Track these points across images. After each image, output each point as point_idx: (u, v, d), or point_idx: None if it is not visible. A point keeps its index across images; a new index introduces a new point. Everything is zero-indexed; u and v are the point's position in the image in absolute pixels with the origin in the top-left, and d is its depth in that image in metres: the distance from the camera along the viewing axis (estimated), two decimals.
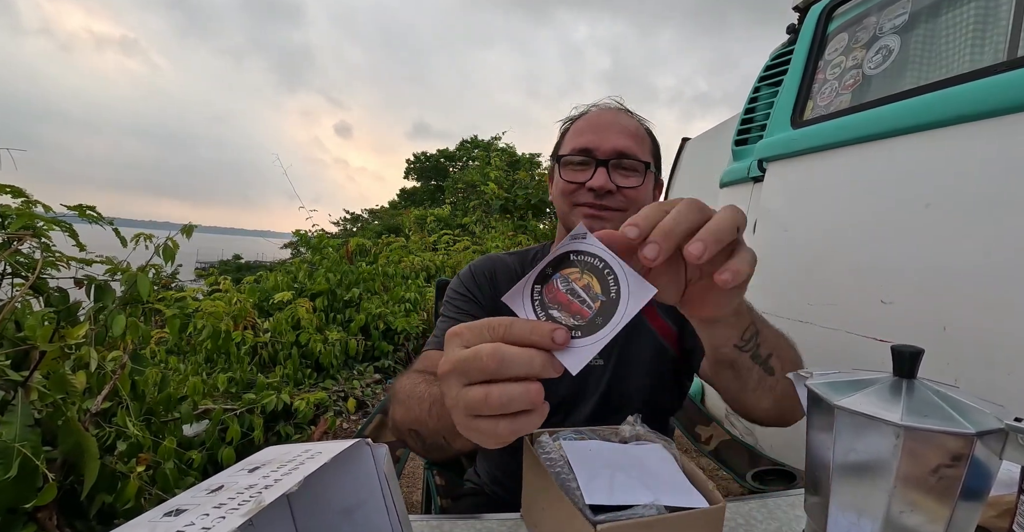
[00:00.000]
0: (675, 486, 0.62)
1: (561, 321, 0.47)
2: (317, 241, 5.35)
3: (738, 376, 0.80)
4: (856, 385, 0.52)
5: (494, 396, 0.45)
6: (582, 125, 1.14)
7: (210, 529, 0.29)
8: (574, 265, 0.49)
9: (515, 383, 0.45)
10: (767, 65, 2.31)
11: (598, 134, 1.10)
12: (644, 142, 1.13)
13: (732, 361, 0.78)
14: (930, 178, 1.34)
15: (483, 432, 0.48)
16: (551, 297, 0.48)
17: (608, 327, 0.46)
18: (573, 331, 0.46)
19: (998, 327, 1.15)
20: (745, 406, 0.87)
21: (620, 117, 1.14)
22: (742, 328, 0.73)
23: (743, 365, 0.78)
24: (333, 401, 3.73)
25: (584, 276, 0.49)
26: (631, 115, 1.18)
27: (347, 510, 0.44)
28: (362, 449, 0.44)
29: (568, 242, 0.50)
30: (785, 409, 0.85)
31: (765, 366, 0.79)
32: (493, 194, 9.51)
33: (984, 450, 0.45)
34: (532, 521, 0.71)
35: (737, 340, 0.74)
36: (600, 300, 0.47)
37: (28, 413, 1.26)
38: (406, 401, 0.83)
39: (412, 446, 0.84)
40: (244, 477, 0.38)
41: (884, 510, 0.48)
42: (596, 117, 1.15)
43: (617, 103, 1.20)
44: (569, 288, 0.48)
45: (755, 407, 0.86)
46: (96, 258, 1.75)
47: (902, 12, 1.62)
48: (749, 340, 0.75)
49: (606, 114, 1.15)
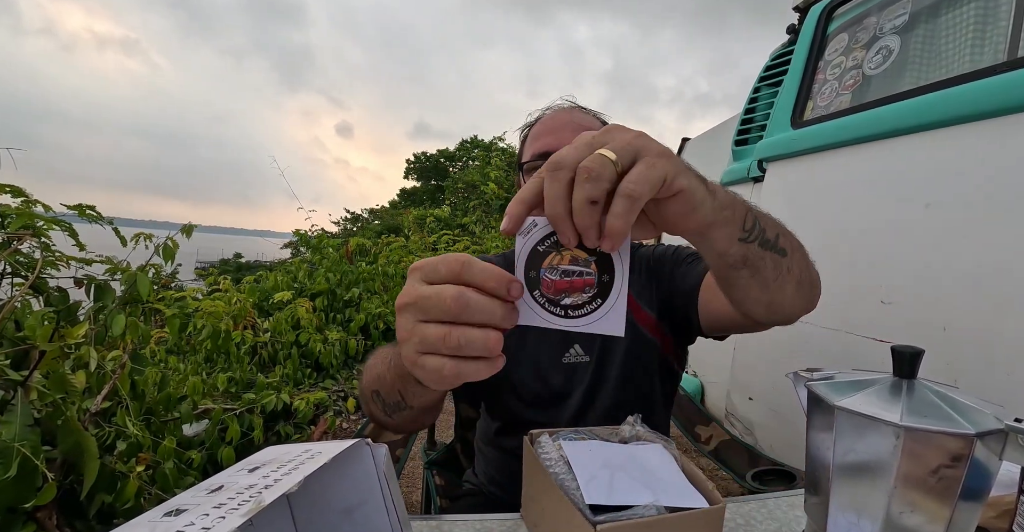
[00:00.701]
0: (675, 486, 0.62)
1: (577, 302, 0.49)
2: (317, 241, 5.35)
3: (756, 272, 0.72)
4: (856, 385, 0.52)
5: (453, 336, 0.47)
6: (538, 129, 1.14)
7: (210, 529, 0.28)
8: (547, 252, 0.50)
9: (476, 328, 0.47)
10: (767, 65, 2.30)
11: (555, 135, 1.09)
12: None
13: (744, 258, 0.69)
14: (930, 178, 1.34)
15: (428, 369, 0.49)
16: (552, 291, 0.49)
17: (617, 277, 0.49)
18: (594, 300, 0.49)
19: (998, 327, 1.15)
20: (772, 305, 0.79)
21: (574, 115, 1.13)
22: (740, 219, 0.66)
23: (755, 257, 0.70)
24: (333, 401, 3.73)
25: (562, 253, 0.49)
26: (586, 111, 1.17)
27: (347, 510, 0.44)
28: (362, 449, 0.44)
29: (525, 239, 0.50)
30: (804, 287, 0.79)
31: (776, 249, 0.72)
32: (493, 194, 9.52)
33: (984, 450, 0.45)
34: (532, 521, 0.71)
35: (740, 232, 0.66)
36: (592, 261, 0.49)
37: (28, 413, 1.26)
38: (371, 365, 0.82)
39: (373, 412, 0.83)
40: (244, 477, 0.38)
41: (884, 510, 0.48)
42: (550, 119, 1.14)
43: (570, 102, 1.19)
44: (560, 272, 0.49)
45: (782, 301, 0.78)
46: (96, 258, 1.75)
47: (902, 12, 1.62)
48: (752, 228, 0.68)
49: (560, 115, 1.14)
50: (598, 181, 0.47)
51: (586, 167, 0.47)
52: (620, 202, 0.47)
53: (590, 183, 0.47)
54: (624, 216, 0.47)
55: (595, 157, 0.48)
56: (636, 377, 1.09)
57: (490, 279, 0.47)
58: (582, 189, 0.47)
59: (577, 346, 1.10)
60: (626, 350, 1.09)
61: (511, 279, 0.47)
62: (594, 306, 0.49)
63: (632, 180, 0.48)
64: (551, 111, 1.17)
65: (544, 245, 0.50)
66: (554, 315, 0.49)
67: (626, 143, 0.50)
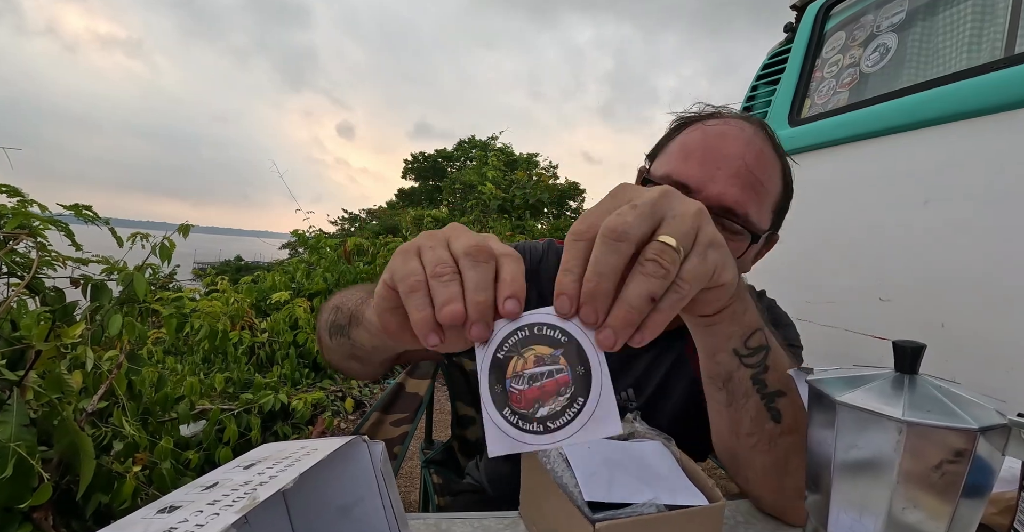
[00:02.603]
0: (674, 484, 0.62)
1: (555, 409, 0.40)
2: (315, 241, 5.34)
3: (731, 402, 0.66)
4: (858, 381, 0.51)
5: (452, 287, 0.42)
6: (694, 144, 0.84)
7: (203, 526, 0.28)
8: (508, 358, 0.41)
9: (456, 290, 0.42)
10: (765, 63, 2.30)
11: (707, 169, 0.80)
12: (769, 194, 0.84)
13: (728, 376, 0.65)
14: (928, 175, 1.34)
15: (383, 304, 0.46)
16: (523, 404, 0.40)
17: (593, 364, 0.40)
18: (574, 402, 0.40)
19: (997, 324, 1.15)
20: (736, 458, 0.71)
21: (750, 148, 0.82)
22: (746, 327, 0.62)
23: (739, 386, 0.65)
24: (331, 401, 3.72)
25: (523, 356, 0.41)
26: (768, 143, 0.85)
27: (344, 508, 0.43)
28: (358, 446, 0.44)
29: (484, 348, 0.42)
30: (786, 491, 0.67)
31: (769, 403, 0.65)
32: (491, 194, 9.52)
33: (987, 446, 0.45)
34: (531, 519, 0.70)
35: (738, 344, 0.63)
36: (559, 354, 0.41)
37: (24, 412, 1.26)
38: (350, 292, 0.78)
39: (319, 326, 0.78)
40: (239, 474, 0.37)
41: (886, 507, 0.48)
42: (716, 140, 0.83)
43: (752, 121, 0.87)
44: (527, 378, 0.41)
45: (745, 463, 0.70)
46: (92, 258, 1.74)
47: (899, 10, 1.62)
48: (755, 352, 0.63)
49: (732, 140, 0.82)
50: (665, 277, 0.41)
51: (656, 258, 0.41)
52: (671, 298, 0.42)
53: (657, 278, 0.41)
54: (669, 312, 0.42)
55: (664, 249, 0.42)
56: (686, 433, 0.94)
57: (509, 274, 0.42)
58: (647, 283, 0.41)
59: (630, 390, 0.98)
60: (677, 403, 0.97)
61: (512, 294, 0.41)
62: (576, 409, 0.40)
63: (686, 278, 0.43)
64: (720, 122, 0.86)
65: (504, 350, 0.41)
66: (530, 434, 0.40)
67: (687, 227, 0.44)
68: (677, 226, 0.44)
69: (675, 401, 0.99)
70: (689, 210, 0.46)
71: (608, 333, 0.41)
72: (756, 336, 0.63)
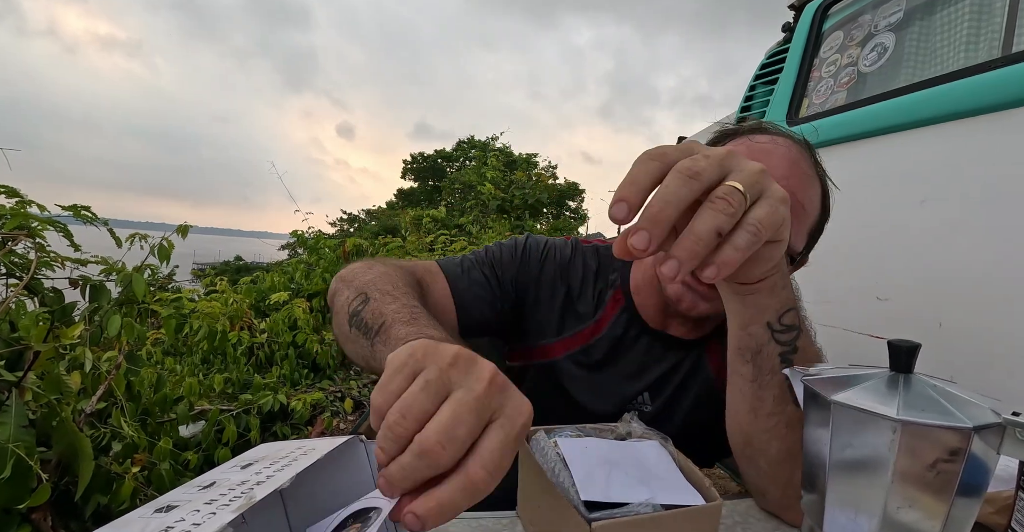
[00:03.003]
0: (671, 483, 0.62)
1: None
2: (314, 242, 5.34)
3: (756, 376, 0.67)
4: (853, 380, 0.51)
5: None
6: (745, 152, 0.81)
7: (200, 525, 0.28)
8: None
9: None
10: (763, 63, 2.30)
11: None
12: (806, 218, 0.86)
13: (759, 349, 0.66)
14: (926, 174, 1.34)
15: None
16: None
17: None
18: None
19: (994, 323, 1.15)
20: (749, 443, 0.72)
21: (795, 170, 0.83)
22: (782, 303, 0.64)
23: (767, 361, 0.66)
24: (330, 401, 3.72)
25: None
26: (812, 164, 0.87)
27: (342, 507, 0.43)
28: (356, 446, 0.44)
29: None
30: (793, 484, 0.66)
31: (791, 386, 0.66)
32: (490, 194, 9.51)
33: (982, 445, 0.45)
34: (528, 518, 0.70)
35: (773, 318, 0.64)
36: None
37: (22, 413, 1.26)
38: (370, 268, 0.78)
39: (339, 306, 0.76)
40: (236, 474, 0.37)
41: (881, 506, 0.48)
42: (763, 155, 0.82)
43: (796, 139, 0.88)
44: None
45: (759, 449, 0.71)
46: (91, 258, 1.74)
47: (897, 10, 1.62)
48: (788, 329, 0.65)
49: (778, 158, 0.82)
50: (733, 216, 0.44)
51: (726, 197, 0.44)
52: (744, 236, 0.45)
53: (726, 215, 0.44)
54: (745, 250, 0.45)
55: (731, 189, 0.45)
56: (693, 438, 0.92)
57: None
58: (715, 217, 0.43)
59: (646, 394, 0.99)
60: (693, 403, 0.99)
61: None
62: None
63: (761, 220, 0.46)
64: (768, 140, 0.87)
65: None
66: None
67: (754, 179, 0.47)
68: (745, 177, 0.47)
69: (690, 404, 1.00)
70: (755, 168, 0.48)
71: (672, 264, 0.42)
72: (790, 314, 0.65)
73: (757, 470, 0.74)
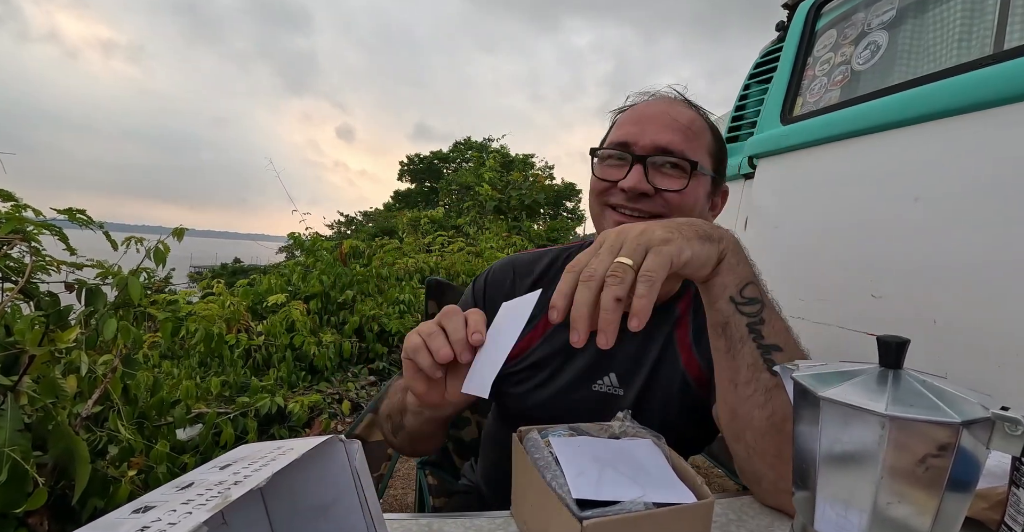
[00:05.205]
0: (663, 481, 0.62)
1: None
2: (312, 243, 5.33)
3: (729, 347, 0.72)
4: (842, 376, 0.51)
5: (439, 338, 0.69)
6: (627, 116, 0.99)
7: (175, 524, 0.28)
8: None
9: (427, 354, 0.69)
10: (757, 62, 2.31)
11: (639, 126, 0.94)
12: (698, 138, 0.96)
13: (726, 321, 0.72)
14: (919, 172, 1.35)
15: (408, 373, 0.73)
16: None
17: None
18: None
19: (988, 320, 1.15)
20: (735, 416, 0.74)
21: (673, 107, 0.97)
22: (740, 278, 0.72)
23: (735, 331, 0.72)
24: (328, 403, 3.71)
25: None
26: (689, 106, 1.01)
27: (323, 507, 0.43)
28: (335, 445, 0.44)
29: None
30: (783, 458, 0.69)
31: (765, 354, 0.71)
32: (487, 195, 9.51)
33: (971, 439, 0.45)
34: (521, 517, 0.70)
35: (734, 292, 0.72)
36: None
37: (18, 417, 1.25)
38: (390, 394, 0.96)
39: (385, 434, 0.98)
40: (214, 474, 0.37)
41: (871, 502, 0.48)
42: (643, 107, 0.99)
43: (677, 92, 1.04)
44: None
45: (744, 420, 0.73)
46: (87, 262, 1.74)
47: (889, 8, 1.62)
48: (750, 302, 0.72)
49: (656, 104, 0.99)
50: (623, 282, 0.60)
51: (614, 273, 0.60)
52: (642, 286, 0.60)
53: (617, 286, 0.59)
54: (647, 295, 0.59)
55: (617, 265, 0.61)
56: (676, 425, 0.95)
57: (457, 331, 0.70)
58: (610, 291, 0.59)
59: (612, 376, 0.99)
60: (668, 394, 0.98)
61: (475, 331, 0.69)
62: None
63: (647, 269, 0.61)
64: (648, 98, 1.03)
65: None
66: None
67: (635, 244, 0.63)
68: (629, 249, 0.63)
69: (664, 392, 0.98)
70: (634, 235, 0.65)
71: (600, 336, 0.59)
72: (750, 288, 0.73)
73: (746, 447, 0.75)
